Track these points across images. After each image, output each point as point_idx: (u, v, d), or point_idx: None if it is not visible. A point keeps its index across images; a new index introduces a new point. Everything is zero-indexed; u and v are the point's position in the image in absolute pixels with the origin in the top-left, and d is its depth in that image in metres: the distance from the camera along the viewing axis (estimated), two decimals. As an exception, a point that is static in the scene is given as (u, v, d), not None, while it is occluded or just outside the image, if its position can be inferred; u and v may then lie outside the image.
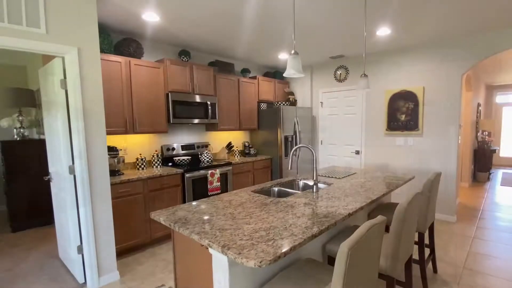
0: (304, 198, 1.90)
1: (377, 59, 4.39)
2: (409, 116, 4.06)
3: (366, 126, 4.56)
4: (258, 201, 1.83)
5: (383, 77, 4.35)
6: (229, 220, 1.47)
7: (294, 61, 1.63)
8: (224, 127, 4.37)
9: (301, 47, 4.06)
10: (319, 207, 1.67)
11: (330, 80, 5.00)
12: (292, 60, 1.63)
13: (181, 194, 3.53)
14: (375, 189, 2.12)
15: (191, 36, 3.58)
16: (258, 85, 4.88)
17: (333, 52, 4.37)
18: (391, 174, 2.81)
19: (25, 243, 3.61)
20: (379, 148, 4.44)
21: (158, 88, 3.58)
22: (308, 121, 5.12)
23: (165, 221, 1.51)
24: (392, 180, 2.47)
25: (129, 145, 3.69)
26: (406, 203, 1.46)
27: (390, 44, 3.97)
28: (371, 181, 2.46)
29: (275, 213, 1.57)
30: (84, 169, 2.38)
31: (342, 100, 4.83)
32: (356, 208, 1.64)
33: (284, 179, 2.64)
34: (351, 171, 2.97)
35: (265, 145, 4.88)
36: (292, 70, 1.61)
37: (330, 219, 1.44)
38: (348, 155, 4.81)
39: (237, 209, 1.66)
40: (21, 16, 2.05)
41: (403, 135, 4.17)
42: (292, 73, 1.63)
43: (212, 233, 1.29)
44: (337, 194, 1.99)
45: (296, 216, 1.50)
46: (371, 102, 4.49)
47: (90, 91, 2.41)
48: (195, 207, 1.75)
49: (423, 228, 2.15)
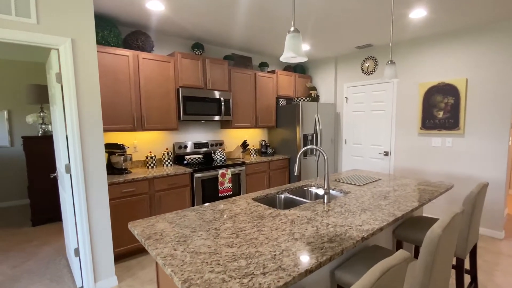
0: (310, 211, 1.58)
1: (409, 47, 3.86)
2: (448, 112, 3.51)
3: (396, 124, 4.05)
4: (254, 213, 1.55)
5: (416, 68, 3.81)
6: (210, 239, 1.20)
7: (293, 41, 1.29)
8: (238, 125, 4.12)
9: (323, 36, 3.67)
10: (325, 225, 1.35)
11: (356, 73, 4.53)
12: (290, 40, 1.29)
13: (190, 195, 3.34)
14: (401, 202, 1.73)
15: (198, 27, 3.35)
16: (276, 79, 4.56)
17: (359, 41, 3.92)
18: (424, 181, 2.37)
19: (40, 237, 3.65)
20: (412, 150, 3.92)
21: (168, 83, 3.41)
22: (331, 118, 4.70)
23: (139, 235, 1.28)
24: (425, 190, 2.05)
25: (139, 142, 3.57)
26: (441, 229, 1.09)
27: (425, 29, 3.45)
28: (398, 190, 2.06)
29: (269, 231, 1.27)
30: (79, 168, 2.25)
31: (370, 95, 4.35)
32: (373, 229, 1.29)
33: (295, 184, 2.32)
34: (375, 177, 2.57)
35: (283, 144, 4.55)
36: (291, 53, 1.27)
37: (336, 246, 1.12)
38: (375, 157, 4.33)
39: (226, 223, 1.39)
40: (9, 5, 1.92)
41: (440, 135, 3.62)
42: (290, 57, 1.30)
43: (181, 257, 1.03)
44: (353, 207, 1.64)
45: (293, 237, 1.20)
46: (403, 97, 3.97)
47: (85, 85, 2.26)
48: (180, 217, 1.50)
49: (463, 253, 1.72)
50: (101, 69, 2.90)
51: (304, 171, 4.33)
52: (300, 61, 1.38)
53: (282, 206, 2.06)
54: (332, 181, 2.41)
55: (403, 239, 1.93)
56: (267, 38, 3.78)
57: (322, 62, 4.97)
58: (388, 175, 2.66)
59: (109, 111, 2.98)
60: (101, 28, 2.97)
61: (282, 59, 1.37)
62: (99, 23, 2.95)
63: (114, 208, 2.78)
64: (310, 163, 4.40)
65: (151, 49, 3.43)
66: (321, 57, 4.81)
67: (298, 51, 1.28)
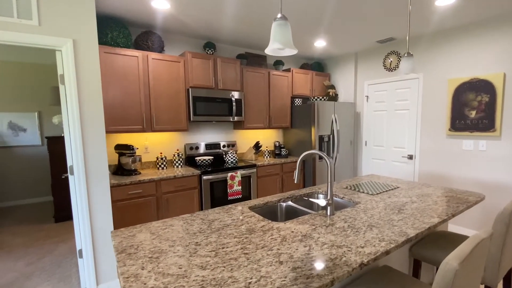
0: (308, 225, 1.40)
1: (436, 40, 3.49)
2: (481, 112, 3.12)
3: (422, 125, 3.70)
4: (245, 225, 1.40)
5: (445, 63, 3.44)
6: (185, 256, 1.07)
7: (279, 30, 1.11)
8: (251, 125, 3.98)
9: (340, 30, 3.43)
10: (320, 244, 1.17)
11: (378, 69, 4.21)
12: (276, 29, 1.11)
13: (198, 198, 3.26)
14: (418, 217, 1.50)
15: (206, 25, 3.25)
16: (292, 78, 4.36)
17: (380, 35, 3.61)
18: (449, 190, 2.08)
19: (59, 235, 3.76)
20: (439, 153, 3.55)
21: (178, 84, 3.35)
22: (350, 118, 4.41)
23: (115, 246, 1.19)
24: (450, 201, 1.78)
25: (151, 144, 3.55)
26: (458, 262, 0.87)
27: (454, 19, 3.09)
28: (416, 202, 1.81)
29: (254, 250, 1.12)
30: (80, 170, 2.23)
31: (393, 93, 4.01)
32: (376, 253, 1.09)
33: (302, 190, 2.14)
34: (393, 185, 2.31)
35: (298, 145, 4.35)
36: (277, 44, 1.09)
37: (326, 274, 0.94)
38: (398, 160, 4.00)
39: (210, 237, 1.25)
40: (12, 8, 1.93)
41: (472, 137, 3.23)
42: (276, 48, 1.12)
43: (144, 280, 0.91)
44: (358, 222, 1.44)
45: (278, 260, 1.04)
46: (430, 95, 3.60)
47: (87, 86, 2.24)
48: (165, 227, 1.40)
49: (493, 280, 1.45)
50: (110, 71, 2.90)
51: (320, 175, 4.10)
52: (289, 53, 1.20)
53: (283, 216, 1.89)
54: (343, 188, 2.20)
55: (422, 259, 1.68)
56: (280, 35, 3.60)
57: (341, 58, 4.69)
58: (408, 182, 2.39)
59: (118, 112, 2.98)
60: (110, 29, 2.96)
61: (268, 51, 1.19)
62: (108, 24, 2.95)
63: (120, 210, 2.75)
64: (325, 166, 4.16)
65: (161, 50, 3.40)
66: (339, 53, 4.54)
67: (286, 42, 1.10)
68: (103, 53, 2.86)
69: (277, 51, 1.18)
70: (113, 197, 2.69)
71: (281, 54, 1.22)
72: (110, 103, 2.92)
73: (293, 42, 3.88)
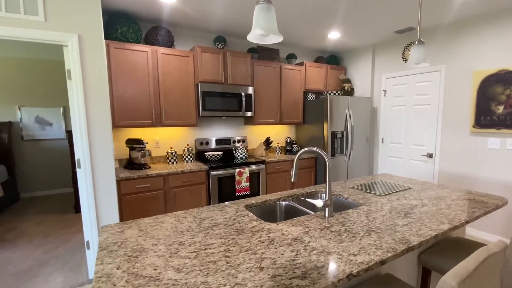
0: (301, 227, 1.32)
1: (459, 28, 3.21)
2: (510, 107, 2.84)
3: (443, 121, 3.44)
4: (235, 225, 1.34)
5: (469, 54, 3.15)
6: (164, 257, 1.03)
7: (262, 14, 1.00)
8: (261, 121, 3.91)
9: (356, 20, 3.25)
10: (310, 250, 1.08)
11: (396, 62, 3.97)
12: (259, 13, 1.00)
13: (206, 193, 3.25)
14: (425, 223, 1.37)
15: (214, 18, 3.19)
16: (305, 72, 4.22)
17: (399, 24, 3.38)
18: (467, 192, 1.89)
19: (77, 225, 3.91)
20: (461, 152, 3.29)
21: (187, 78, 3.34)
22: (366, 114, 4.21)
23: (100, 242, 1.17)
24: (466, 205, 1.62)
25: (162, 138, 3.58)
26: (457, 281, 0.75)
27: (479, 4, 2.82)
28: (427, 205, 1.66)
29: (237, 253, 1.06)
30: (87, 164, 2.28)
31: (412, 87, 3.77)
32: (369, 262, 0.99)
33: (306, 189, 2.05)
34: (405, 185, 2.15)
35: (311, 142, 4.22)
36: (259, 29, 0.99)
37: (307, 285, 0.86)
38: (417, 158, 3.76)
39: (196, 237, 1.21)
40: (18, 4, 1.98)
41: (499, 135, 2.96)
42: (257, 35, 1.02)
43: (115, 281, 0.88)
44: (357, 225, 1.33)
45: (259, 265, 0.97)
46: (452, 89, 3.34)
47: (92, 80, 2.26)
48: (155, 224, 1.37)
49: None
50: (120, 66, 2.93)
51: (332, 173, 3.96)
52: (275, 40, 1.10)
53: (282, 215, 1.82)
54: (349, 187, 2.08)
55: (432, 268, 1.55)
56: (295, 27, 3.48)
57: (358, 51, 4.47)
58: (422, 183, 2.22)
59: (128, 107, 3.01)
60: (120, 25, 2.98)
61: (250, 38, 1.10)
62: (118, 19, 2.97)
63: (128, 203, 2.79)
64: (339, 163, 4.01)
65: (171, 44, 3.38)
66: (356, 45, 4.32)
67: (269, 28, 0.99)
68: (113, 49, 2.89)
69: (261, 38, 1.09)
70: (122, 191, 2.74)
71: (266, 42, 1.13)
72: (121, 98, 2.96)
73: (304, 35, 3.74)
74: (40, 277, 2.60)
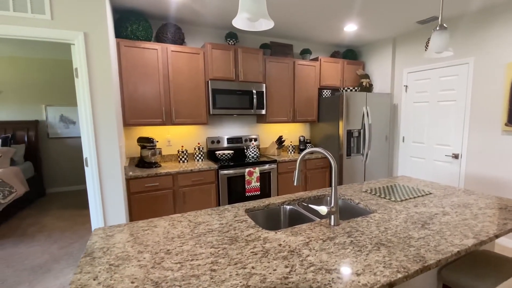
0: (303, 236, 1.20)
1: (491, 16, 2.90)
2: (551, 104, 2.53)
3: (471, 119, 3.15)
4: (230, 232, 1.24)
5: (502, 44, 2.84)
6: (146, 267, 0.96)
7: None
8: (274, 119, 3.79)
9: (374, 10, 3.04)
10: (307, 265, 0.97)
11: (419, 55, 3.69)
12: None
13: (216, 193, 3.19)
14: (447, 236, 1.20)
15: (224, 14, 3.09)
16: (320, 67, 4.04)
17: (421, 14, 3.12)
18: (498, 199, 1.68)
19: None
20: (491, 153, 2.99)
21: (197, 76, 3.28)
22: (385, 111, 3.97)
23: (87, 247, 1.12)
24: (496, 215, 1.42)
25: (173, 137, 3.56)
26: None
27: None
28: (449, 214, 1.48)
29: (223, 267, 0.96)
30: (94, 163, 2.27)
31: (437, 81, 3.48)
32: (373, 285, 0.85)
33: (314, 192, 1.91)
34: (425, 190, 1.96)
35: (325, 140, 4.04)
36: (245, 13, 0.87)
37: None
38: (441, 159, 3.49)
39: (185, 245, 1.13)
40: (25, 3, 1.98)
41: (538, 135, 2.65)
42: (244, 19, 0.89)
43: (90, 294, 0.81)
44: (366, 237, 1.19)
45: (244, 284, 0.86)
46: (482, 83, 3.04)
47: (98, 79, 2.25)
48: (147, 228, 1.31)
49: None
50: (130, 64, 2.92)
51: (348, 174, 3.76)
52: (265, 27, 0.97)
53: (286, 221, 1.70)
54: (362, 191, 1.92)
55: (454, 286, 1.37)
56: (309, 21, 3.32)
57: (377, 44, 4.22)
58: (444, 188, 2.01)
59: (138, 106, 3.00)
60: (130, 23, 2.97)
61: (235, 23, 1.00)
62: (128, 17, 2.96)
63: (137, 202, 2.79)
64: (356, 164, 3.80)
65: (182, 42, 3.34)
66: (374, 38, 4.07)
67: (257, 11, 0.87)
68: (124, 47, 2.89)
69: (249, 24, 0.97)
70: (131, 189, 2.73)
71: (256, 28, 1.01)
72: (131, 96, 2.95)
73: (319, 28, 3.56)
74: (52, 272, 2.65)
